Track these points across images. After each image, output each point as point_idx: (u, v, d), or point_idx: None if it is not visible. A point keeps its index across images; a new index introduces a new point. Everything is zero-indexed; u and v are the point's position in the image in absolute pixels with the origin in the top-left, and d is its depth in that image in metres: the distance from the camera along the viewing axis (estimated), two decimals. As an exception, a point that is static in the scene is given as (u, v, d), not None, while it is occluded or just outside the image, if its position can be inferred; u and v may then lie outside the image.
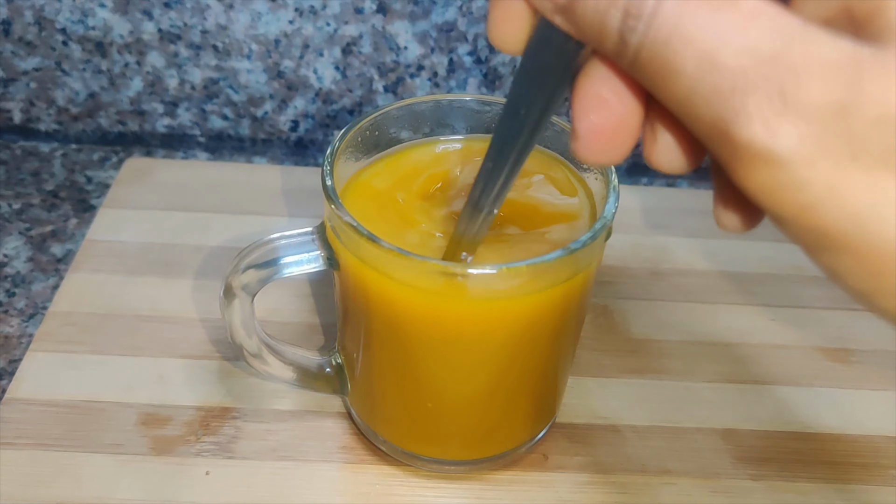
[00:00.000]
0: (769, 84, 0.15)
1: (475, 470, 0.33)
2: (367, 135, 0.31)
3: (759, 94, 0.15)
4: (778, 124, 0.15)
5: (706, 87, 0.15)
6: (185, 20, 0.46)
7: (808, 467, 0.34)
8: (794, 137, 0.15)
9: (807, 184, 0.15)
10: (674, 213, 0.47)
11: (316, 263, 0.29)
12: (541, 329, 0.29)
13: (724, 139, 0.16)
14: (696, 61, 0.15)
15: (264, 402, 0.35)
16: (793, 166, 0.15)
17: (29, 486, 0.31)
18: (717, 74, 0.15)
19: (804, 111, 0.15)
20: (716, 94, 0.15)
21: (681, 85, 0.16)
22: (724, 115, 0.15)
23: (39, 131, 0.51)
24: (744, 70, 0.15)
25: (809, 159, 0.15)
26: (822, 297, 0.42)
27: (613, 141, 0.19)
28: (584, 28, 0.17)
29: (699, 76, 0.15)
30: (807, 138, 0.15)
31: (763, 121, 0.15)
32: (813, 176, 0.15)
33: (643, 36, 0.16)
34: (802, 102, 0.15)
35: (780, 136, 0.15)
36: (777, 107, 0.15)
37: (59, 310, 0.38)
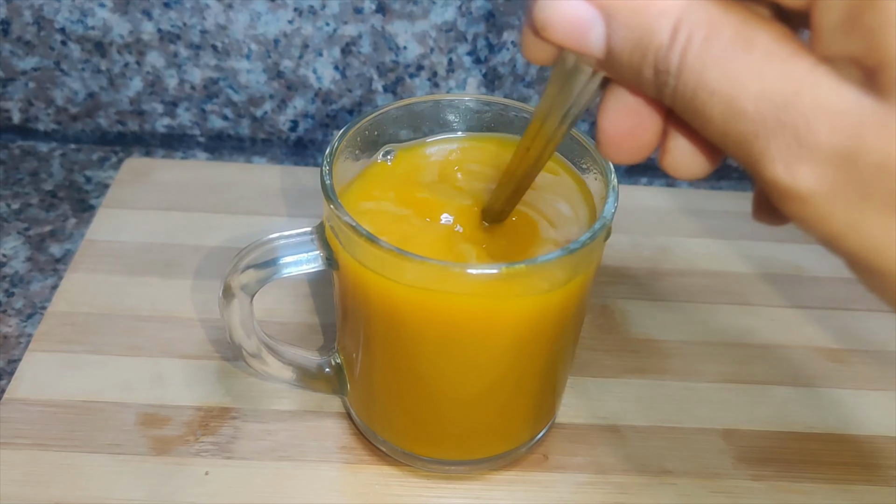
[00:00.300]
0: (785, 130, 0.16)
1: (475, 470, 0.33)
2: (366, 135, 0.31)
3: (778, 139, 0.16)
4: (797, 166, 0.16)
5: (733, 133, 0.17)
6: (184, 20, 0.46)
7: (809, 467, 0.34)
8: (811, 179, 0.16)
9: (829, 217, 0.17)
10: (674, 213, 0.47)
11: (315, 263, 0.29)
12: (541, 329, 0.29)
13: (757, 176, 0.17)
14: (721, 111, 0.17)
15: (263, 402, 0.35)
16: (815, 202, 0.17)
17: (28, 486, 0.31)
18: (741, 122, 0.17)
19: (817, 155, 0.16)
20: (743, 139, 0.17)
21: (713, 130, 0.17)
22: (751, 156, 0.17)
23: (38, 131, 0.51)
24: (762, 116, 0.16)
25: (826, 197, 0.16)
26: (822, 297, 0.42)
27: (631, 146, 0.20)
28: (626, 79, 0.19)
29: (726, 123, 0.17)
30: (822, 179, 0.16)
31: (784, 163, 0.16)
32: (833, 211, 0.17)
33: (674, 90, 0.18)
34: (814, 147, 0.16)
35: (799, 176, 0.16)
36: (794, 150, 0.16)
37: (57, 310, 0.38)
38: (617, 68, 0.19)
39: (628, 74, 0.18)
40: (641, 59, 0.18)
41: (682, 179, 0.21)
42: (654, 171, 0.52)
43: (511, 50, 0.47)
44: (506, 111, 0.33)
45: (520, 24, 0.46)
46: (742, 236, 0.45)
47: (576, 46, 0.19)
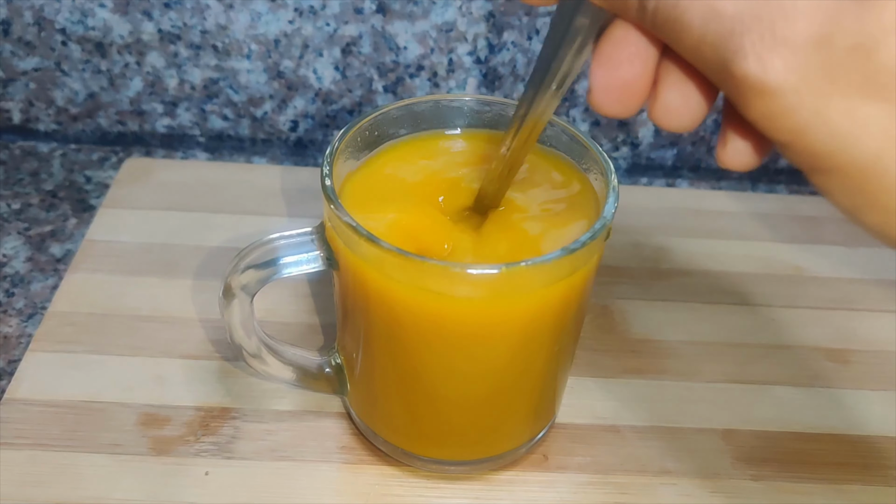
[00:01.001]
0: (762, 24, 0.17)
1: (475, 470, 0.33)
2: (366, 135, 0.31)
3: (752, 34, 0.17)
4: (768, 58, 0.17)
5: (710, 34, 0.18)
6: (184, 20, 0.46)
7: (809, 467, 0.34)
8: (781, 69, 0.17)
9: (795, 110, 0.17)
10: (674, 213, 0.47)
11: (315, 263, 0.29)
12: (540, 329, 0.29)
13: (728, 77, 0.18)
14: (700, 14, 0.18)
15: (264, 403, 0.35)
16: (782, 95, 0.17)
17: (28, 486, 0.31)
18: (719, 22, 0.18)
19: (790, 44, 0.17)
20: (719, 39, 0.18)
21: (691, 36, 0.18)
22: (725, 55, 0.18)
23: (39, 131, 0.51)
24: (741, 15, 0.17)
25: (795, 88, 0.17)
26: (822, 297, 0.42)
27: (621, 97, 0.21)
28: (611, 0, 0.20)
29: (704, 26, 0.18)
30: (792, 69, 0.17)
31: (756, 56, 0.17)
32: (799, 102, 0.17)
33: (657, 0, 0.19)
34: (789, 37, 0.17)
35: (770, 68, 0.17)
36: (768, 43, 0.17)
37: (58, 310, 0.38)
38: None
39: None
40: None
41: (672, 129, 0.21)
42: (655, 171, 0.52)
43: (511, 50, 0.47)
44: (506, 111, 0.33)
45: (520, 24, 0.46)
46: (742, 236, 0.45)
47: None
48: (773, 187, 0.52)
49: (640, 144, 0.51)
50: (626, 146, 0.51)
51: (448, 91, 0.49)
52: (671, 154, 0.51)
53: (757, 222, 0.46)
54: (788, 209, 0.48)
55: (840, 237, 0.46)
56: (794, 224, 0.46)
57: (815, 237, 0.46)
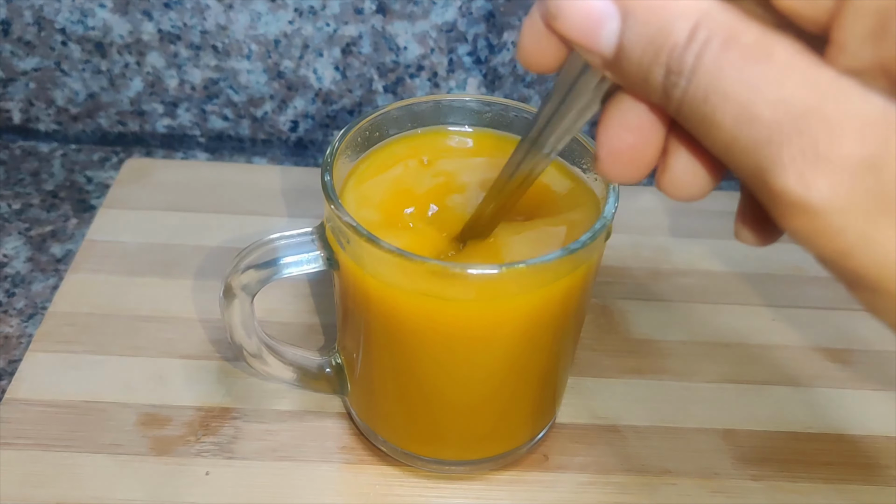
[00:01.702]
0: (803, 138, 0.16)
1: (475, 470, 0.33)
2: (366, 135, 0.31)
3: (793, 147, 0.16)
4: (812, 177, 0.16)
5: (744, 139, 0.16)
6: (184, 20, 0.46)
7: (809, 467, 0.34)
8: (826, 189, 0.16)
9: (840, 232, 0.16)
10: (674, 213, 0.47)
11: (315, 264, 0.29)
12: (541, 329, 0.29)
13: (763, 187, 0.16)
14: (733, 115, 0.16)
15: (264, 403, 0.35)
16: (826, 215, 0.16)
17: (29, 486, 0.31)
18: (754, 127, 0.16)
19: (836, 165, 0.15)
20: (753, 146, 0.16)
21: (721, 137, 0.17)
22: (761, 164, 0.16)
23: (39, 131, 0.51)
24: (779, 123, 0.16)
25: (841, 209, 0.16)
26: (822, 297, 0.42)
27: (631, 164, 0.20)
28: (630, 82, 0.18)
29: (737, 129, 0.16)
30: (838, 190, 0.16)
31: (797, 173, 0.16)
32: (845, 224, 0.16)
33: (684, 92, 0.17)
34: (834, 157, 0.15)
35: (813, 187, 0.16)
36: (810, 160, 0.16)
37: (58, 310, 0.38)
38: (625, 68, 0.18)
39: (636, 75, 0.18)
40: (653, 59, 0.17)
41: (679, 200, 0.20)
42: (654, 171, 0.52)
43: (511, 50, 0.47)
44: (506, 111, 0.33)
45: (520, 24, 0.46)
46: (742, 236, 0.45)
47: (586, 41, 0.18)
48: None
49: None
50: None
51: (448, 91, 0.49)
52: (671, 154, 0.51)
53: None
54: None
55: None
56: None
57: (815, 237, 0.45)
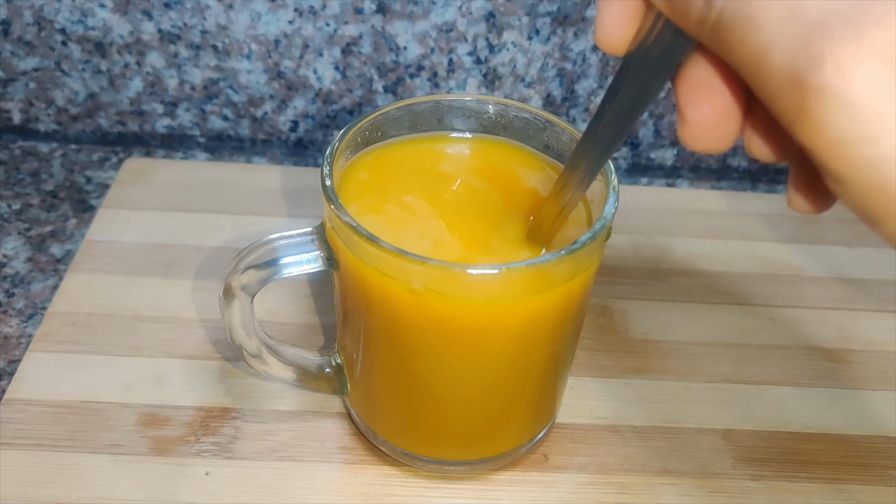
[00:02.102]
0: (847, 27, 0.15)
1: (475, 470, 0.33)
2: (366, 135, 0.31)
3: (836, 39, 0.15)
4: (853, 67, 0.15)
5: (785, 37, 0.15)
6: (184, 20, 0.46)
7: (808, 467, 0.34)
8: (867, 81, 0.14)
9: (878, 136, 0.15)
10: (674, 213, 0.47)
11: (315, 264, 0.29)
12: (541, 329, 0.29)
13: (796, 90, 0.15)
14: (777, 13, 0.16)
15: (264, 403, 0.35)
16: (864, 115, 0.15)
17: (29, 486, 0.31)
18: (798, 24, 0.15)
19: (880, 52, 0.14)
20: (793, 42, 0.15)
21: (760, 39, 0.16)
22: (799, 63, 0.15)
23: (39, 131, 0.51)
24: (824, 19, 0.15)
25: (882, 108, 0.14)
26: (822, 297, 0.42)
27: (720, 128, 0.19)
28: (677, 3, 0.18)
29: (779, 27, 0.16)
30: (881, 83, 0.14)
31: (838, 64, 0.15)
32: (885, 127, 0.15)
33: None
34: (879, 43, 0.14)
35: (854, 79, 0.15)
36: (853, 50, 0.15)
37: (58, 310, 0.38)
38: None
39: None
40: None
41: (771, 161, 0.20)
42: (654, 171, 0.52)
43: (511, 50, 0.47)
44: (506, 111, 0.33)
45: (520, 24, 0.46)
46: (742, 236, 0.45)
47: None
48: (773, 187, 0.52)
49: (640, 144, 0.51)
50: (626, 146, 0.51)
51: (448, 91, 0.49)
52: (671, 154, 0.51)
53: (757, 222, 0.47)
54: (788, 209, 0.48)
55: (840, 237, 0.46)
56: (794, 224, 0.46)
57: (815, 237, 0.46)
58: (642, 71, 0.21)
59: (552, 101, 0.49)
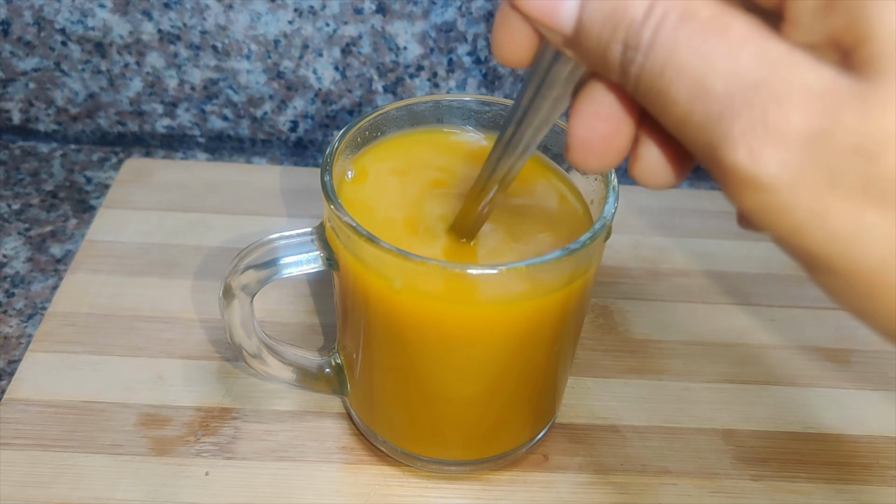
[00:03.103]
0: (753, 111, 0.15)
1: (475, 470, 0.33)
2: (366, 135, 0.31)
3: (743, 121, 0.16)
4: (760, 151, 0.15)
5: (697, 113, 0.16)
6: (184, 20, 0.46)
7: (808, 467, 0.34)
8: (774, 164, 0.15)
9: (790, 208, 0.16)
10: (674, 213, 0.47)
11: (315, 264, 0.29)
12: (541, 329, 0.29)
13: (714, 163, 0.16)
14: (687, 90, 0.16)
15: (264, 403, 0.35)
16: (775, 191, 0.16)
17: (28, 486, 0.31)
18: (707, 101, 0.16)
19: (784, 138, 0.15)
20: (706, 120, 0.16)
21: (676, 112, 0.17)
22: (712, 140, 0.16)
23: (39, 132, 0.51)
24: (731, 97, 0.16)
25: (790, 185, 0.15)
26: (822, 297, 0.41)
27: (602, 153, 0.20)
28: (590, 59, 0.18)
29: (691, 104, 0.16)
30: (787, 165, 0.15)
31: (747, 147, 0.16)
32: (794, 201, 0.16)
33: (641, 68, 0.17)
34: (783, 129, 0.15)
35: (762, 162, 0.15)
36: (759, 133, 0.15)
37: (58, 310, 0.38)
38: (584, 45, 0.18)
39: (595, 52, 0.18)
40: (611, 35, 0.17)
41: (652, 188, 0.20)
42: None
43: (511, 50, 0.47)
44: (506, 111, 0.33)
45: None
46: (742, 236, 0.45)
47: (547, 19, 0.18)
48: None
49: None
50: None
51: (448, 91, 0.49)
52: (671, 154, 0.51)
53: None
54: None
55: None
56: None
57: (814, 237, 0.45)
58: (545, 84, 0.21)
59: (552, 101, 0.49)
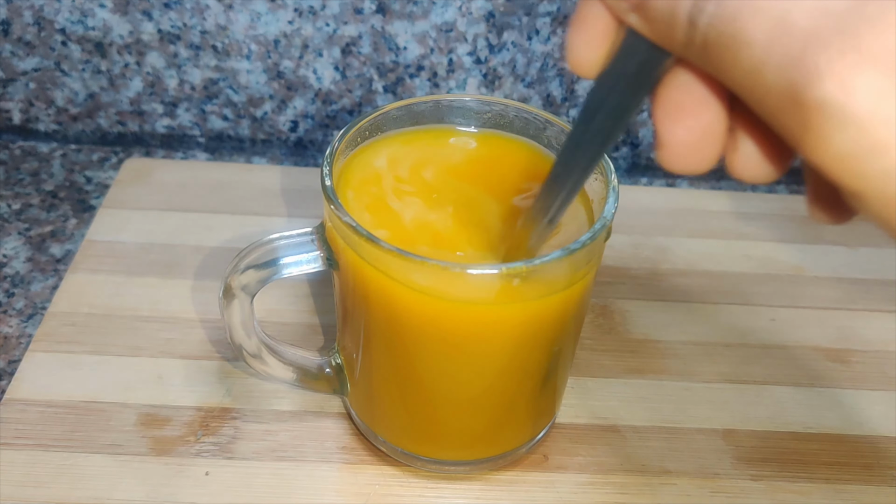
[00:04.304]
0: (843, 38, 0.14)
1: (475, 470, 0.33)
2: (366, 135, 0.31)
3: (832, 50, 0.14)
4: (853, 79, 0.14)
5: (777, 53, 0.15)
6: (184, 20, 0.46)
7: (808, 467, 0.34)
8: (871, 93, 0.14)
9: (888, 146, 0.14)
10: (674, 213, 0.47)
11: (315, 264, 0.29)
12: (541, 329, 0.29)
13: (796, 107, 0.15)
14: (766, 28, 0.15)
15: (264, 403, 0.35)
16: (871, 126, 0.14)
17: (28, 486, 0.31)
18: (789, 38, 0.15)
19: (881, 60, 0.14)
20: (787, 59, 0.15)
21: (751, 57, 0.15)
22: (796, 78, 0.15)
23: (39, 131, 0.51)
24: (816, 28, 0.14)
25: (889, 118, 0.14)
26: (822, 297, 0.42)
27: (699, 149, 0.18)
28: (657, 20, 0.17)
29: (770, 43, 0.15)
30: (885, 92, 0.14)
31: (837, 77, 0.14)
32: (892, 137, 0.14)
33: (712, 16, 0.16)
34: (879, 50, 0.14)
35: (856, 91, 0.14)
36: (852, 60, 0.14)
37: (58, 310, 0.38)
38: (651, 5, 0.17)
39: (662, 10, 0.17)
40: None
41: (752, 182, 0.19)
42: (655, 171, 0.52)
43: (511, 50, 0.47)
44: (506, 111, 0.33)
45: (520, 24, 0.46)
46: (742, 236, 0.45)
47: None
48: (774, 187, 0.52)
49: (640, 144, 0.51)
50: (625, 146, 0.51)
51: (448, 91, 0.49)
52: (671, 154, 0.51)
53: (757, 222, 0.47)
54: (788, 209, 0.48)
55: (840, 237, 0.46)
56: (794, 224, 0.46)
57: (815, 237, 0.46)
58: (617, 90, 0.19)
59: (552, 101, 0.49)
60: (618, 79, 0.19)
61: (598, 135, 0.21)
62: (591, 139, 0.21)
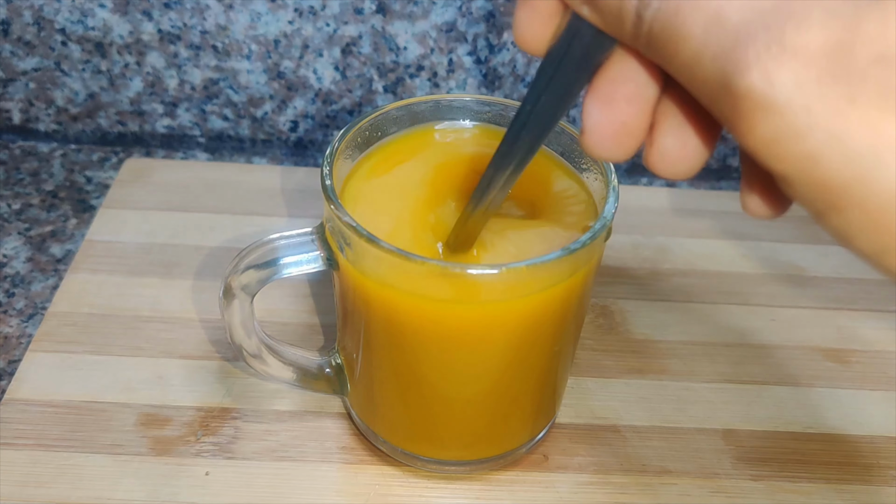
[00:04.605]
0: (769, 33, 0.15)
1: (475, 470, 0.33)
2: (366, 135, 0.31)
3: (758, 44, 0.15)
4: (776, 70, 0.15)
5: (712, 46, 0.16)
6: (184, 20, 0.46)
7: (808, 467, 0.34)
8: (790, 83, 0.15)
9: (806, 131, 0.15)
10: (674, 213, 0.47)
11: (315, 264, 0.29)
12: (541, 329, 0.29)
13: (728, 96, 0.16)
14: (703, 23, 0.16)
15: (264, 403, 0.35)
16: (791, 113, 0.15)
17: (29, 486, 0.31)
18: (723, 32, 0.16)
19: (802, 54, 0.15)
20: (721, 51, 0.16)
21: (690, 49, 0.16)
22: (728, 69, 0.16)
23: (39, 131, 0.51)
24: (746, 24, 0.15)
25: (807, 105, 0.15)
26: (822, 297, 0.42)
27: (619, 141, 0.20)
28: (606, 12, 0.18)
29: (706, 37, 0.16)
30: (804, 82, 0.15)
31: (761, 68, 0.15)
32: (811, 122, 0.15)
33: (656, 10, 0.17)
34: (800, 45, 0.15)
35: (777, 82, 0.15)
36: (775, 53, 0.15)
37: (58, 310, 0.38)
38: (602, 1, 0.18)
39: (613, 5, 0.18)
40: None
41: (668, 176, 0.20)
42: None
43: (511, 50, 0.47)
44: (506, 111, 0.33)
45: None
46: (742, 236, 0.45)
47: None
48: (773, 187, 0.52)
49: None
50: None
51: (448, 91, 0.49)
52: (671, 154, 0.51)
53: (757, 222, 0.46)
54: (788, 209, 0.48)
55: (840, 237, 0.45)
56: (794, 224, 0.46)
57: (815, 237, 0.46)
58: (561, 72, 0.20)
59: (552, 101, 0.49)
60: (563, 61, 0.20)
61: (543, 115, 0.22)
62: (536, 119, 0.22)
